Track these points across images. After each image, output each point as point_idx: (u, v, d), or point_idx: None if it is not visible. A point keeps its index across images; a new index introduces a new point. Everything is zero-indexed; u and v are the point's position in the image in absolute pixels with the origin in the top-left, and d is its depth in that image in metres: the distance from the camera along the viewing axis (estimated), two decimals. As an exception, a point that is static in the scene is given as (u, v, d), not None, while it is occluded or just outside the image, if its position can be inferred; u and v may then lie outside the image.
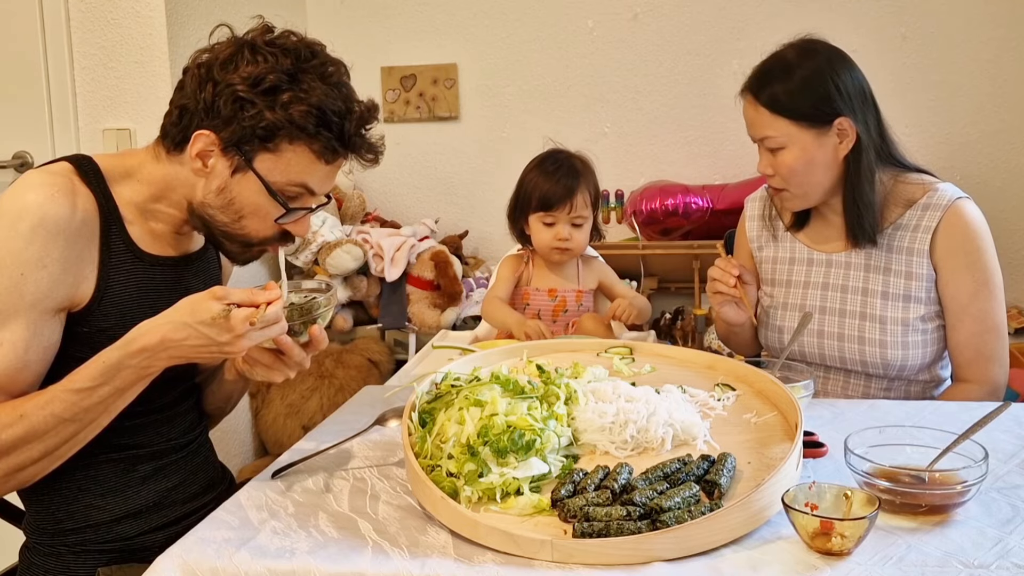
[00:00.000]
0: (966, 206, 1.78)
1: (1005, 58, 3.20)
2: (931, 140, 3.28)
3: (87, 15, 2.75)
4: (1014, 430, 1.47)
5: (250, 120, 1.39)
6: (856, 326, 1.84)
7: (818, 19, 3.28)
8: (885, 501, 1.16)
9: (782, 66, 1.75)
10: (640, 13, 3.42)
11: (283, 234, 1.51)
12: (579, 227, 2.10)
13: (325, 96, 1.41)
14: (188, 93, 1.43)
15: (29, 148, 2.82)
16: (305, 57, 1.43)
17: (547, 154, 2.15)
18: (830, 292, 1.87)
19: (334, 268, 3.13)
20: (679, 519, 1.12)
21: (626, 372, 1.61)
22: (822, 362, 1.89)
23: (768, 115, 1.73)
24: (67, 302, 1.40)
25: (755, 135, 1.78)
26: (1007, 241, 3.25)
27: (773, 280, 1.97)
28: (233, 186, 1.44)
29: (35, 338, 1.36)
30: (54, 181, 1.39)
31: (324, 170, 1.47)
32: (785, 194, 1.81)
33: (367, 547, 1.16)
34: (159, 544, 1.32)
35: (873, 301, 1.82)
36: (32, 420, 1.33)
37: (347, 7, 3.61)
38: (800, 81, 1.72)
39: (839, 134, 1.73)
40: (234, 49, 1.42)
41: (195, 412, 1.66)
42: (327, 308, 1.42)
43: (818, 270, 1.89)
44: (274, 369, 1.42)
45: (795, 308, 1.91)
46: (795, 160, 1.74)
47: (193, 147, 1.42)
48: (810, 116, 1.72)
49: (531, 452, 1.25)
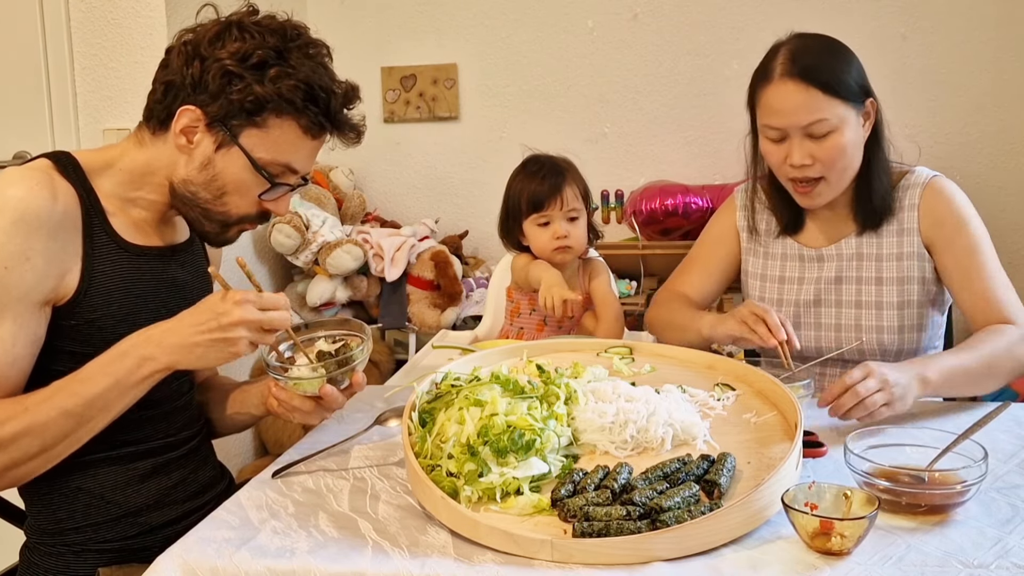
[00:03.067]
0: (942, 181, 1.82)
1: (1005, 58, 3.21)
2: (931, 140, 3.28)
3: (87, 15, 2.75)
4: (1014, 430, 1.48)
5: (238, 94, 1.41)
6: (853, 315, 1.84)
7: (818, 19, 3.27)
8: (885, 501, 1.17)
9: (820, 49, 1.73)
10: (640, 13, 3.42)
11: (262, 213, 1.53)
12: (574, 221, 2.08)
13: (312, 72, 1.44)
14: (174, 69, 1.44)
15: (29, 148, 2.82)
16: (291, 36, 1.45)
17: (527, 160, 2.14)
18: (823, 285, 1.87)
19: (334, 268, 3.13)
20: (679, 519, 1.12)
21: (626, 372, 1.61)
22: (819, 355, 1.89)
23: (822, 97, 1.68)
24: (52, 295, 1.40)
25: (802, 120, 1.69)
26: (1007, 241, 3.24)
27: (764, 276, 1.95)
28: (217, 161, 1.45)
29: (22, 332, 1.37)
30: (32, 175, 1.39)
31: (309, 146, 1.49)
32: (821, 185, 1.75)
33: (367, 547, 1.16)
34: (159, 544, 1.32)
35: (868, 288, 1.83)
36: (35, 413, 1.33)
37: (347, 7, 3.61)
38: (845, 62, 1.72)
39: (865, 116, 1.74)
40: (221, 27, 1.44)
41: (193, 409, 1.66)
42: (365, 355, 1.47)
43: (811, 265, 1.89)
44: (313, 414, 1.48)
45: (790, 304, 1.89)
46: (848, 142, 1.70)
47: (178, 123, 1.43)
48: (854, 96, 1.71)
49: (531, 452, 1.26)
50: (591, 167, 3.36)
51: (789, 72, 1.69)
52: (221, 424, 1.72)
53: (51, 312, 1.41)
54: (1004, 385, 1.69)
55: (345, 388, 1.47)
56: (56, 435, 1.35)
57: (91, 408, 1.36)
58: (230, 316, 1.33)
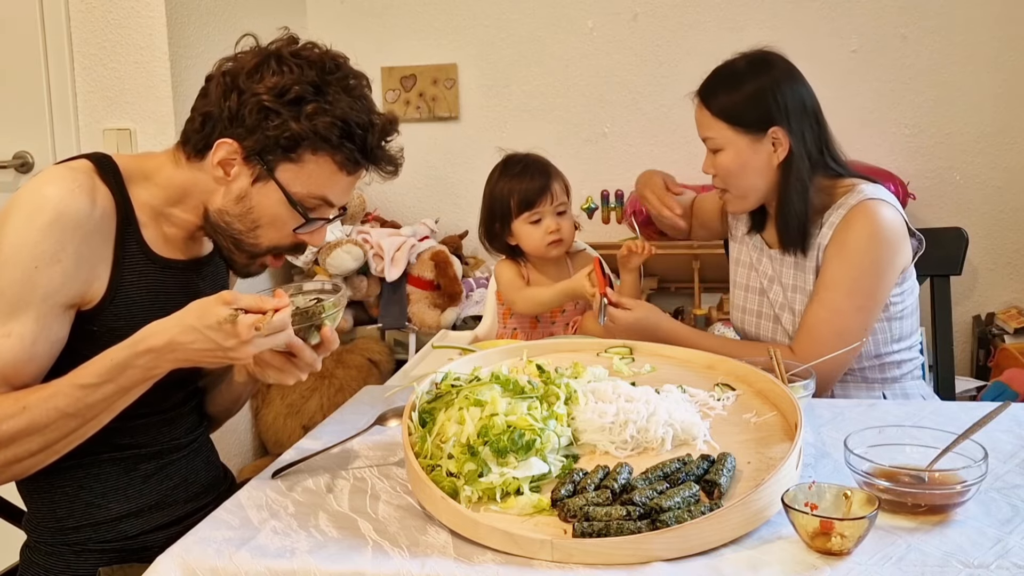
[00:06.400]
0: (873, 206, 1.82)
1: (1005, 58, 3.20)
2: (931, 140, 3.28)
3: (87, 15, 2.75)
4: (1014, 430, 1.48)
5: (274, 130, 1.40)
6: (791, 321, 1.93)
7: (818, 19, 3.28)
8: (885, 501, 1.17)
9: (731, 74, 1.88)
10: (640, 13, 3.42)
11: (296, 245, 1.51)
12: (563, 215, 2.11)
13: (349, 108, 1.43)
14: (212, 101, 1.44)
15: (29, 148, 2.82)
16: (330, 69, 1.44)
17: (507, 161, 2.15)
18: (776, 286, 1.97)
19: (334, 268, 3.13)
20: (679, 519, 1.12)
21: (626, 372, 1.61)
22: (758, 339, 2.02)
23: (710, 118, 1.87)
24: (78, 299, 1.40)
25: (701, 135, 1.92)
26: (1007, 241, 3.25)
27: (738, 260, 2.08)
28: (253, 195, 1.45)
29: (43, 332, 1.36)
30: (75, 177, 1.39)
31: (344, 181, 1.48)
32: (727, 195, 1.94)
33: (367, 547, 1.16)
34: (160, 543, 1.33)
35: (803, 298, 1.90)
36: (34, 413, 1.33)
37: (347, 7, 3.61)
38: (744, 92, 1.85)
39: (773, 143, 1.84)
40: (260, 59, 1.43)
41: (197, 413, 1.66)
42: (336, 310, 1.42)
43: (767, 261, 1.99)
44: (285, 371, 1.42)
45: (754, 291, 2.02)
46: (730, 162, 1.87)
47: (215, 155, 1.43)
48: (747, 123, 1.84)
49: (531, 452, 1.26)
50: (591, 167, 3.40)
51: (701, 90, 1.92)
52: (212, 404, 1.70)
53: (75, 316, 1.41)
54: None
55: (317, 345, 1.41)
56: (57, 435, 1.35)
57: (93, 410, 1.36)
58: (236, 352, 1.31)
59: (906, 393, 1.93)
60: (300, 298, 1.46)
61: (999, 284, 3.29)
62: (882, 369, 1.92)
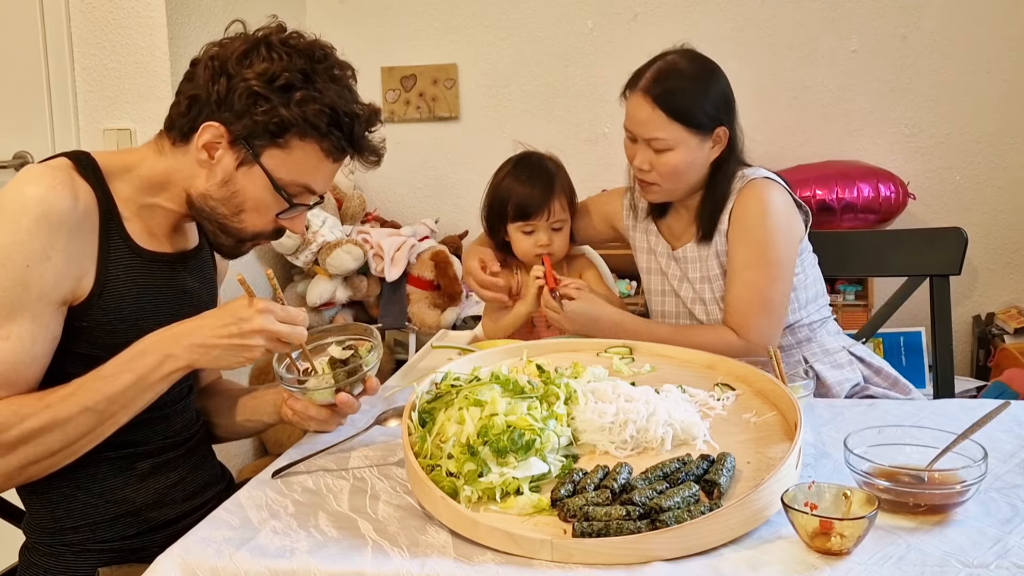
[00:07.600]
0: (759, 185, 1.91)
1: (1005, 58, 3.20)
2: (931, 140, 3.28)
3: (87, 15, 2.75)
4: (1014, 430, 1.48)
5: (263, 115, 1.41)
6: (707, 312, 1.98)
7: (818, 19, 3.28)
8: (885, 501, 1.17)
9: (681, 75, 1.88)
10: (640, 13, 3.42)
11: (276, 230, 1.53)
12: (559, 231, 2.07)
13: (337, 97, 1.44)
14: (200, 84, 1.44)
15: (29, 148, 2.82)
16: (318, 58, 1.45)
17: (518, 159, 2.11)
18: (685, 284, 2.01)
19: (334, 268, 3.13)
20: (679, 519, 1.12)
21: (626, 372, 1.61)
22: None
23: (665, 119, 1.85)
24: (70, 295, 1.40)
25: (643, 134, 1.89)
26: (1007, 241, 3.25)
27: (649, 269, 2.11)
28: (238, 179, 1.45)
29: (41, 331, 1.37)
30: (54, 174, 1.39)
31: (329, 169, 1.50)
32: (655, 188, 1.94)
33: (367, 547, 1.16)
34: (159, 544, 1.32)
35: (710, 286, 1.96)
36: (56, 409, 1.34)
37: (347, 7, 3.61)
38: (701, 93, 1.87)
39: (715, 140, 1.89)
40: (249, 45, 1.44)
41: (192, 411, 1.66)
42: (375, 356, 1.50)
43: (674, 264, 2.03)
44: (329, 421, 1.52)
45: (659, 294, 2.07)
46: (679, 161, 1.88)
47: (200, 137, 1.43)
48: (700, 124, 1.87)
49: (531, 452, 1.26)
50: (591, 167, 3.40)
51: (647, 89, 1.88)
52: (228, 430, 1.72)
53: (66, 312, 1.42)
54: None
55: (360, 393, 1.50)
56: (78, 431, 1.36)
57: (113, 404, 1.37)
58: (251, 323, 1.35)
59: (825, 348, 2.01)
60: (335, 350, 1.52)
61: (999, 284, 3.29)
62: (794, 333, 1.99)
